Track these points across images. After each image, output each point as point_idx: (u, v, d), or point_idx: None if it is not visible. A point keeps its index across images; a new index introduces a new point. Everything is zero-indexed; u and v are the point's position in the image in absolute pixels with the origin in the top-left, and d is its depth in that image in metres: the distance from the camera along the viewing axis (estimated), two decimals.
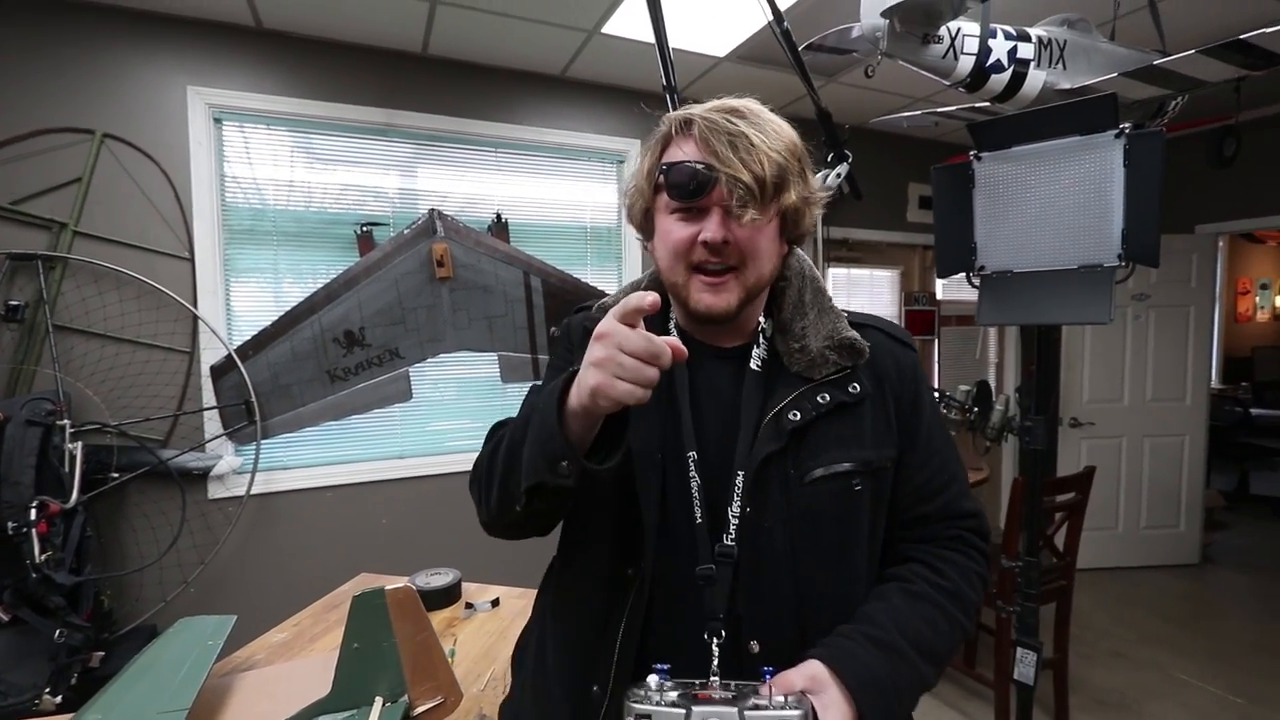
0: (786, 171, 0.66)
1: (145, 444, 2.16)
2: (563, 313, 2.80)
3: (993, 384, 4.04)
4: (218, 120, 2.35)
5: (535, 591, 0.84)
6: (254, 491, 2.32)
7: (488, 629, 1.34)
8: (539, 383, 0.83)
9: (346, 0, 2.19)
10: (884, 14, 1.45)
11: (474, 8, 2.25)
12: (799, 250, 0.80)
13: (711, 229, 0.65)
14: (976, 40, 1.58)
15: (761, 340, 0.76)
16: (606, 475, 0.61)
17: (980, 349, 4.18)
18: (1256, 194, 3.48)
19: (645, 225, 0.76)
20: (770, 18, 1.43)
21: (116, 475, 2.06)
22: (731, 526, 0.69)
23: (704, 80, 2.89)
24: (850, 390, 0.72)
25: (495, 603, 1.44)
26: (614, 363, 0.55)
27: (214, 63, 2.30)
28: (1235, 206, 3.58)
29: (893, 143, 3.65)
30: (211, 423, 2.31)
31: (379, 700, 0.78)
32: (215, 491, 2.32)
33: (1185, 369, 3.65)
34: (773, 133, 0.66)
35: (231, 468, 2.31)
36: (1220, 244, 3.96)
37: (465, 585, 1.50)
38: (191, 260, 2.27)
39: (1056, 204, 1.36)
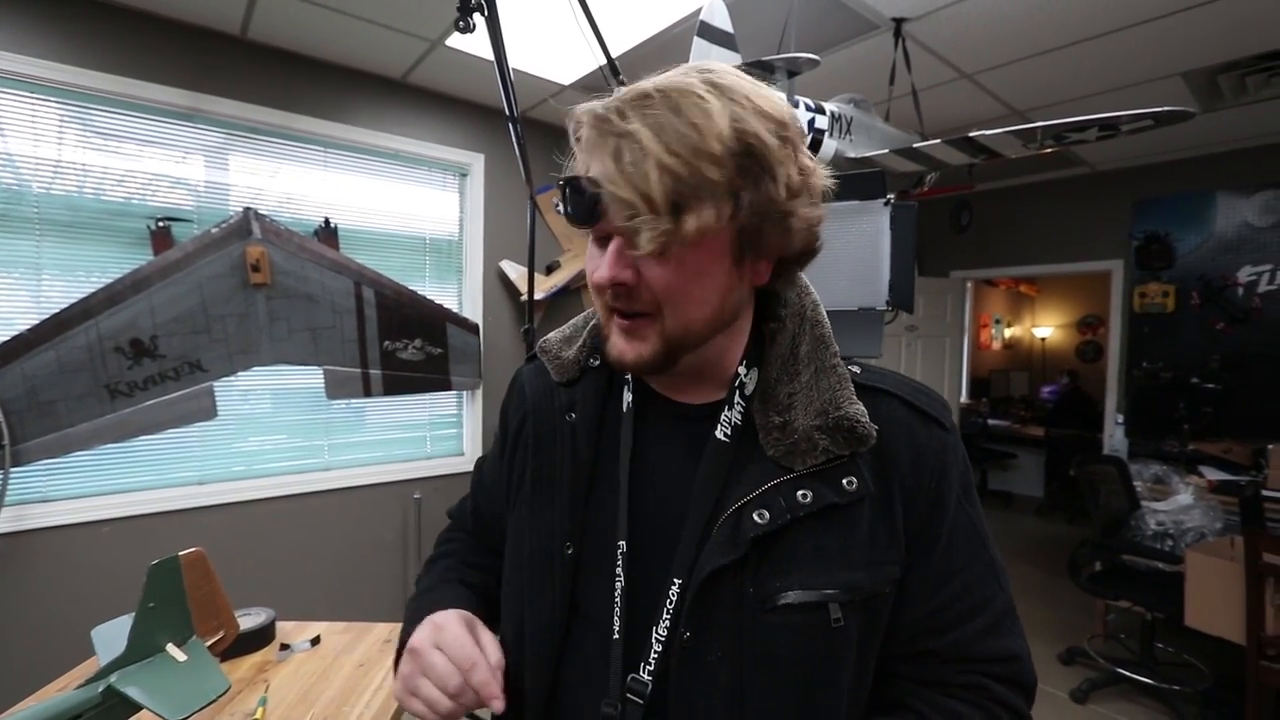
0: (699, 177, 0.46)
1: None
2: (399, 327, 2.69)
3: None
4: None
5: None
6: (0, 530, 1.92)
7: (306, 670, 1.25)
8: (482, 456, 0.80)
9: None
10: None
11: None
12: (802, 278, 0.61)
13: (601, 267, 0.50)
14: None
15: (737, 400, 0.57)
16: None
17: None
18: (992, 249, 4.37)
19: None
20: (606, 72, 1.55)
21: None
22: (652, 654, 0.53)
23: (549, 105, 2.97)
24: (844, 486, 0.53)
25: (316, 640, 1.36)
26: (412, 685, 0.54)
27: None
28: (978, 258, 4.45)
29: None
30: None
31: (170, 645, 0.85)
32: None
33: (943, 388, 4.44)
34: (686, 126, 0.46)
35: None
36: (969, 287, 4.88)
37: (281, 625, 1.40)
38: None
39: (842, 255, 1.64)
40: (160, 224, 2.24)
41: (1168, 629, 2.65)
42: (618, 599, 0.55)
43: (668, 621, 0.53)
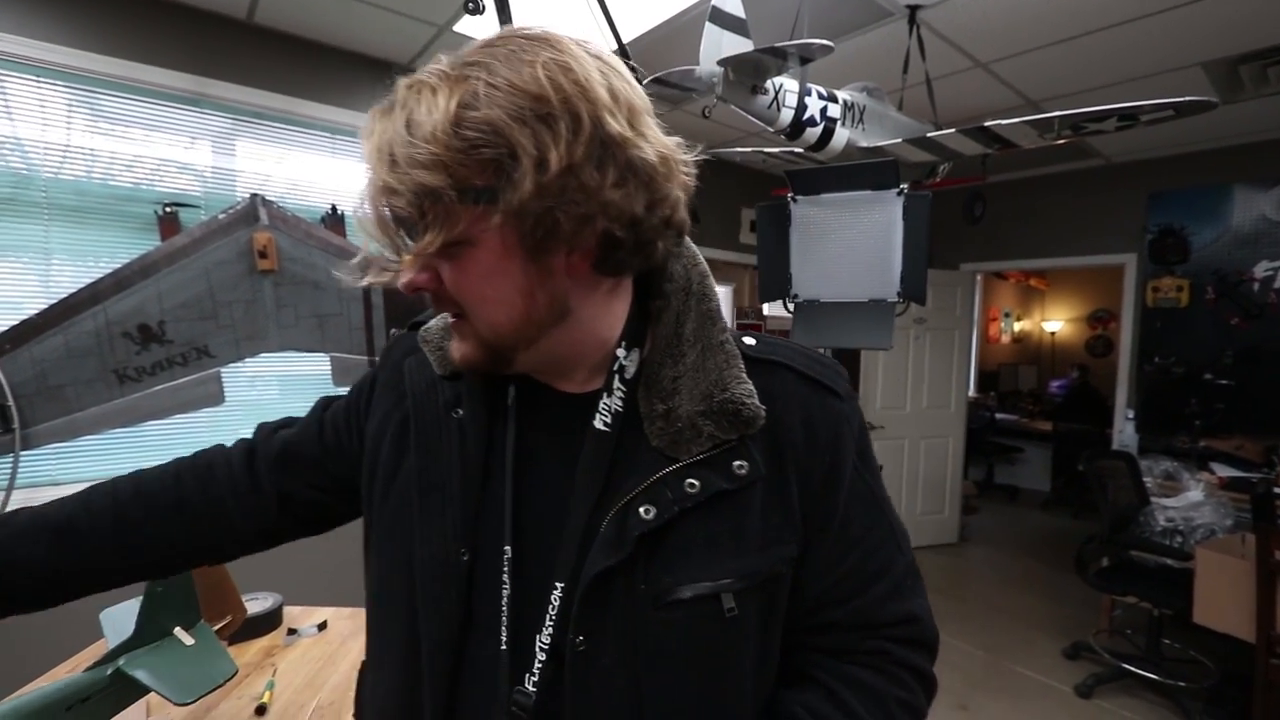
0: (416, 188, 0.41)
1: None
2: (406, 314, 2.68)
3: None
4: None
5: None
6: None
7: (313, 655, 1.27)
8: (332, 396, 0.71)
9: None
10: (719, 63, 1.61)
11: None
12: (690, 248, 0.57)
13: (402, 276, 0.48)
14: (796, 96, 1.81)
15: (616, 386, 0.53)
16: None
17: None
18: (1003, 241, 4.32)
19: None
20: (618, 55, 1.52)
21: None
22: (536, 665, 0.50)
23: None
24: (735, 471, 0.50)
25: (322, 626, 1.37)
26: None
27: None
28: (988, 250, 4.40)
29: (729, 170, 3.98)
30: None
31: (178, 629, 0.85)
32: None
33: (951, 381, 4.41)
34: (405, 131, 0.42)
35: None
36: (978, 280, 4.84)
37: (289, 609, 1.41)
38: None
39: (853, 245, 1.62)
40: (168, 209, 2.23)
41: (1175, 625, 2.64)
42: (504, 607, 0.51)
43: (551, 629, 0.50)
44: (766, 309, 4.42)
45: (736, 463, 0.51)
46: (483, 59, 0.44)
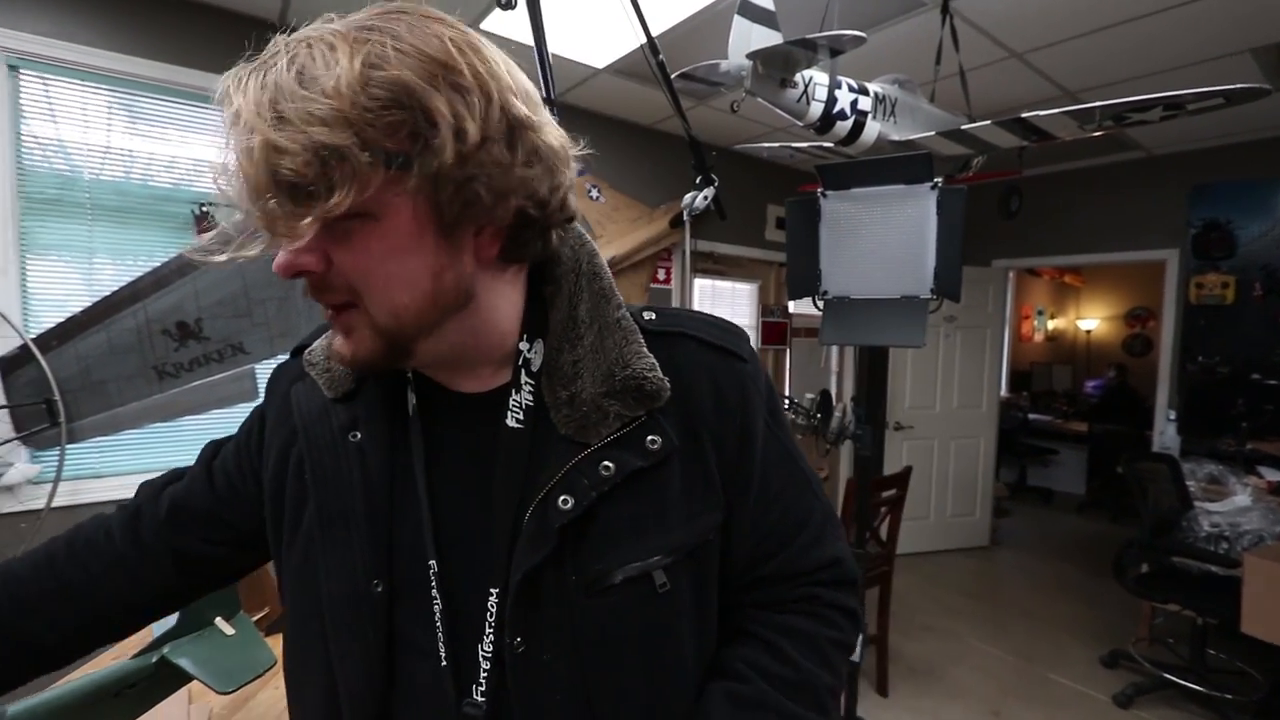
0: (316, 147, 0.37)
1: None
2: None
3: (834, 391, 4.49)
4: (13, 68, 2.01)
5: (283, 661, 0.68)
6: (57, 504, 2.00)
7: None
8: (220, 440, 0.66)
9: None
10: (748, 56, 1.59)
11: None
12: (575, 230, 0.55)
13: (279, 256, 0.43)
14: (826, 90, 1.78)
15: (524, 380, 0.52)
16: None
17: (824, 359, 4.63)
18: (1036, 237, 4.20)
19: None
20: (646, 51, 1.52)
21: None
22: (482, 674, 0.49)
23: (581, 89, 2.94)
24: (648, 447, 0.50)
25: None
26: None
27: (10, 1, 1.96)
28: (1021, 246, 4.29)
29: (754, 165, 3.94)
30: None
31: (219, 620, 0.86)
32: (4, 505, 1.97)
33: (982, 381, 4.31)
34: (297, 84, 0.38)
35: (25, 476, 1.98)
36: (1010, 277, 4.73)
37: None
38: None
39: (885, 241, 1.59)
40: (204, 209, 2.29)
41: (1220, 635, 2.54)
42: (438, 623, 0.49)
43: (492, 635, 0.49)
44: (793, 306, 4.38)
45: (649, 438, 0.50)
46: (380, 24, 0.41)
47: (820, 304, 1.69)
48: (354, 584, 0.50)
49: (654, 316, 0.56)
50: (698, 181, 2.03)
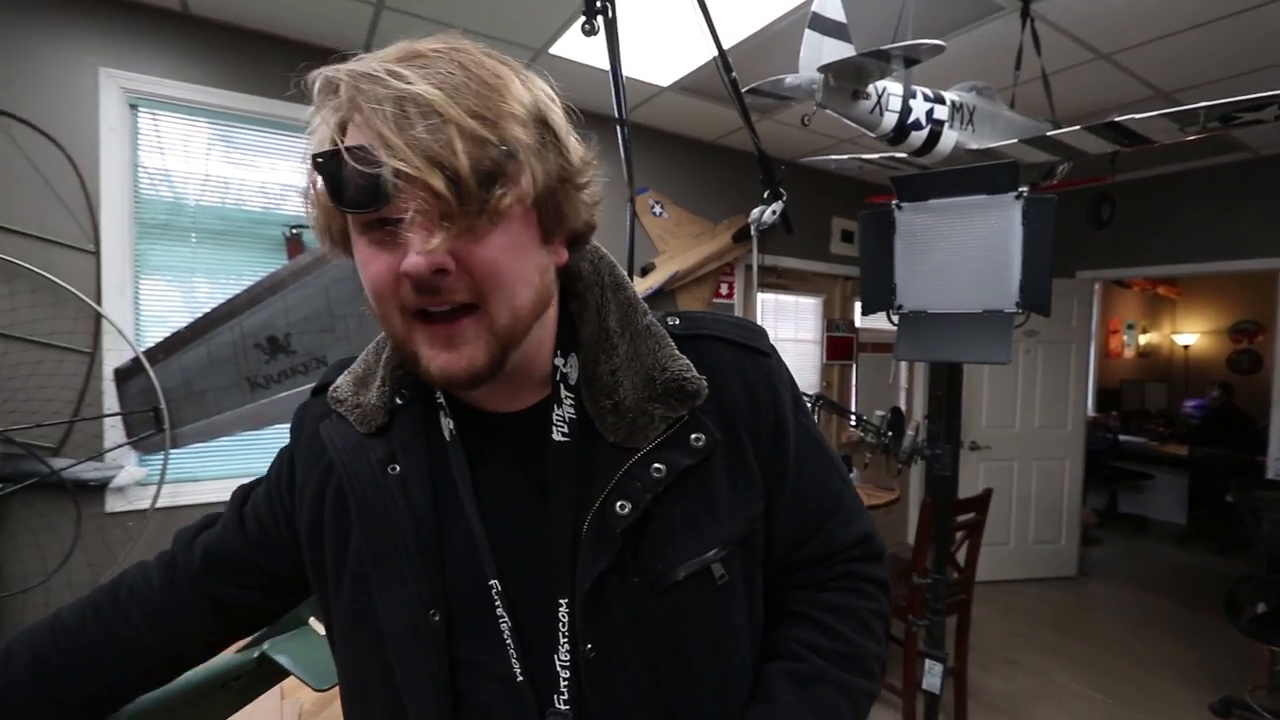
0: (511, 141, 0.41)
1: (35, 452, 1.97)
2: None
3: (903, 407, 4.33)
4: (133, 106, 2.21)
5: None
6: (160, 505, 2.16)
7: None
8: (249, 484, 0.68)
9: None
10: (820, 69, 1.57)
11: (419, 15, 2.23)
12: (591, 243, 0.57)
13: (411, 256, 0.41)
14: (900, 99, 1.73)
15: (564, 394, 0.53)
16: None
17: (893, 375, 4.47)
18: (1126, 246, 3.94)
19: (347, 249, 0.49)
20: (720, 68, 1.52)
21: (1, 485, 1.87)
22: (562, 681, 0.50)
23: (645, 108, 2.98)
24: (693, 445, 0.52)
25: None
26: None
27: (132, 46, 2.16)
28: (1109, 256, 4.03)
29: (818, 178, 3.88)
30: (113, 430, 2.14)
31: (312, 619, 0.89)
32: (114, 504, 2.14)
33: (1066, 399, 4.05)
34: (476, 82, 0.41)
35: (134, 479, 2.15)
36: (1096, 288, 4.44)
37: None
38: (97, 254, 2.11)
39: (965, 253, 1.52)
40: (294, 231, 2.44)
41: None
42: (507, 640, 0.50)
43: (567, 645, 0.50)
44: (859, 321, 4.26)
45: (693, 436, 0.52)
46: (484, 48, 0.46)
47: (895, 318, 1.63)
48: (412, 616, 0.50)
49: (678, 321, 0.58)
50: (765, 196, 2.02)
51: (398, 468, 0.53)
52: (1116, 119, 1.72)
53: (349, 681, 0.57)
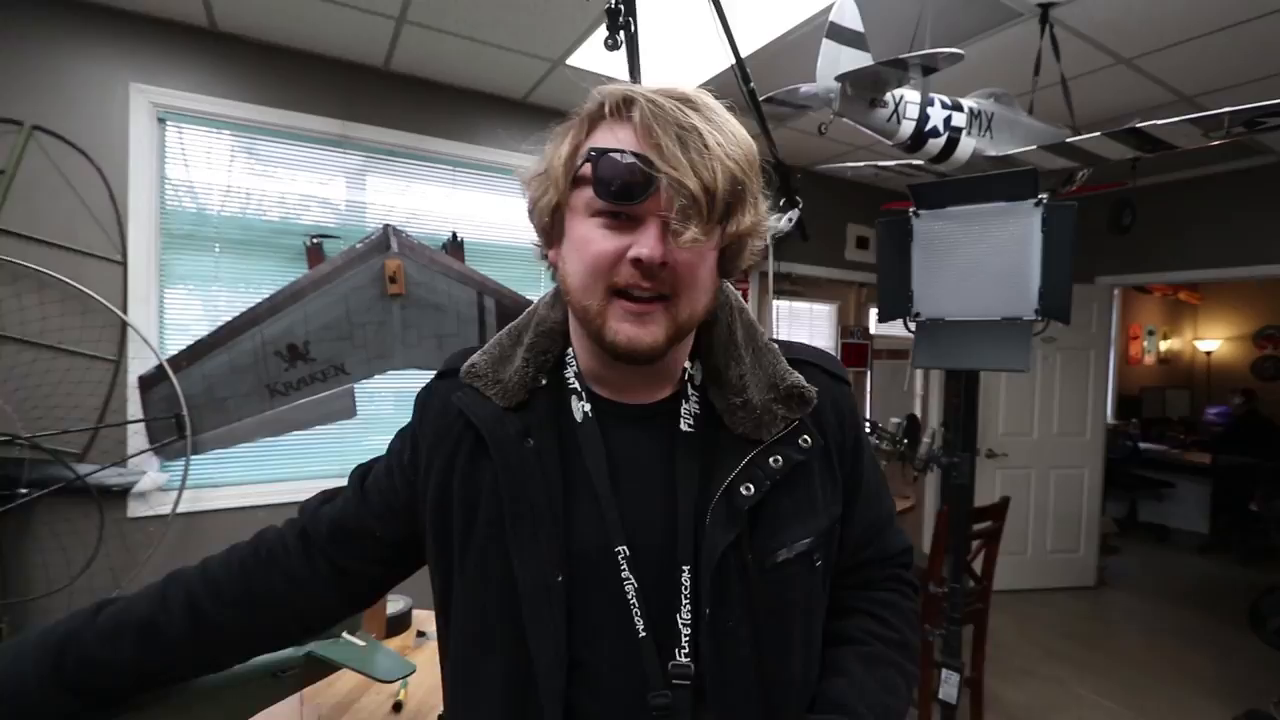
0: (743, 188, 0.53)
1: (60, 458, 2.01)
2: None
3: (919, 414, 4.29)
4: (161, 120, 2.26)
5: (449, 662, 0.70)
6: (180, 510, 2.19)
7: None
8: (367, 464, 0.73)
9: (310, 11, 2.16)
10: (837, 79, 1.58)
11: (442, 30, 2.26)
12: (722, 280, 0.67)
13: (649, 245, 0.51)
14: (917, 107, 1.73)
15: (690, 392, 0.63)
16: None
17: (908, 382, 4.44)
18: (1146, 251, 3.89)
19: (552, 227, 0.60)
20: (738, 78, 1.53)
21: (26, 491, 1.91)
22: (683, 638, 0.57)
23: None
24: (802, 445, 0.60)
25: None
26: None
27: (161, 61, 2.21)
28: (1129, 261, 3.99)
29: (833, 185, 3.87)
30: (136, 437, 2.18)
31: (345, 633, 0.92)
32: (137, 510, 2.18)
33: (1085, 406, 4.00)
34: (731, 135, 0.52)
35: (156, 484, 2.18)
36: (1116, 294, 4.39)
37: (417, 613, 1.48)
38: (124, 264, 2.15)
39: (984, 260, 1.51)
40: (314, 240, 2.47)
41: None
42: (632, 600, 0.57)
43: (689, 606, 0.57)
44: (875, 328, 4.24)
45: (802, 438, 0.61)
46: (708, 102, 0.55)
47: (912, 326, 1.63)
48: (542, 575, 0.57)
49: (778, 343, 0.68)
50: (780, 204, 2.02)
51: (533, 441, 0.60)
52: (1138, 125, 1.71)
53: (467, 637, 0.62)
